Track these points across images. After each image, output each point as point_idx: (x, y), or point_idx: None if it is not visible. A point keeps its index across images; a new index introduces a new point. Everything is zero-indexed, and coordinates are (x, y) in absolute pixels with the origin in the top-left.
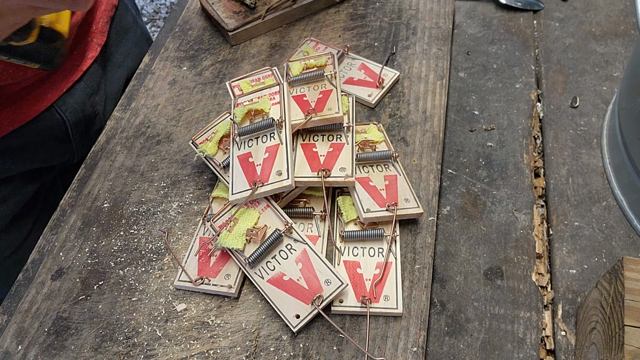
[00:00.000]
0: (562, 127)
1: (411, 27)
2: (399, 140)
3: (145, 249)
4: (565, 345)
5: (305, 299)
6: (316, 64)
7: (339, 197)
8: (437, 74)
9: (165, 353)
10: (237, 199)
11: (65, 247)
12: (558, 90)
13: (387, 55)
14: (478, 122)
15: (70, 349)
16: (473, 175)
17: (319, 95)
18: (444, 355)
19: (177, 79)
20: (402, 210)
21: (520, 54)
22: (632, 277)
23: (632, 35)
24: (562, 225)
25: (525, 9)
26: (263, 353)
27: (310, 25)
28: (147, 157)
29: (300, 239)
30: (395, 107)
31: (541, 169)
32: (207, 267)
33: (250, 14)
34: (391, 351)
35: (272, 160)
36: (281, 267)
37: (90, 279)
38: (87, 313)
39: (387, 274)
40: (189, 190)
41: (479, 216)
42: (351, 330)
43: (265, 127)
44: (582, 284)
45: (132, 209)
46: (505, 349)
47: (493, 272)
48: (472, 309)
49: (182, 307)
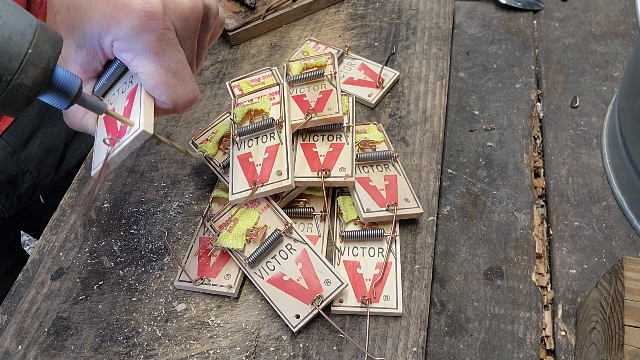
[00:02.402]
0: (562, 127)
1: (411, 27)
2: (399, 140)
3: (145, 249)
4: (565, 345)
5: (305, 299)
6: (316, 64)
7: (339, 197)
8: (437, 74)
9: (165, 353)
10: (237, 199)
11: (65, 247)
12: (558, 90)
13: (387, 55)
14: (478, 122)
15: (70, 349)
16: (473, 175)
17: (319, 95)
18: (444, 355)
19: None
20: (402, 210)
21: (520, 54)
22: (632, 277)
23: (632, 35)
24: (562, 225)
25: (525, 9)
26: (263, 353)
27: (310, 25)
28: (147, 157)
29: (300, 239)
30: (395, 107)
31: (541, 169)
32: (207, 267)
33: (250, 14)
34: (391, 351)
35: (272, 160)
36: (281, 267)
37: (90, 279)
38: (87, 313)
39: (387, 274)
40: (189, 190)
41: (479, 216)
42: (351, 330)
43: (265, 127)
44: (582, 284)
45: (132, 209)
46: (505, 349)
47: (493, 272)
48: (472, 309)
49: (182, 307)
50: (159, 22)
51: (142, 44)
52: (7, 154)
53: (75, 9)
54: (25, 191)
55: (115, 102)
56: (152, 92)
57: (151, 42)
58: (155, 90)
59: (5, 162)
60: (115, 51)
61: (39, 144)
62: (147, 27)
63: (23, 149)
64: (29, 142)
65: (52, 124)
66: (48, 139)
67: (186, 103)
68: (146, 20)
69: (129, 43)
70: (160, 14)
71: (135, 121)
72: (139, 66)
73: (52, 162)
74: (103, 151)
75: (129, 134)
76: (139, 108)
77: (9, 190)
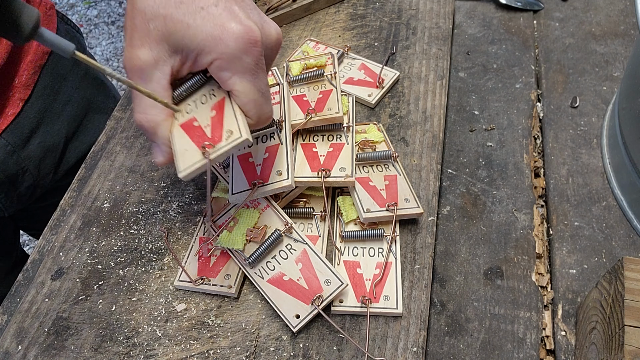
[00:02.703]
0: (562, 127)
1: (411, 27)
2: (399, 140)
3: (145, 249)
4: (565, 345)
5: (305, 299)
6: (316, 64)
7: (339, 197)
8: (437, 74)
9: (165, 353)
10: (237, 199)
11: (65, 247)
12: (558, 90)
13: (387, 55)
14: (478, 122)
15: (70, 349)
16: (473, 175)
17: (319, 95)
18: (444, 355)
19: None
20: (402, 210)
21: (520, 54)
22: (632, 277)
23: (632, 35)
24: (562, 225)
25: (525, 9)
26: (263, 353)
27: (310, 25)
28: (147, 157)
29: (300, 239)
30: (395, 107)
31: (541, 169)
32: (207, 267)
33: None
34: (391, 351)
35: (272, 160)
36: (281, 267)
37: (90, 279)
38: (87, 313)
39: (387, 274)
40: (189, 190)
41: (479, 216)
42: (351, 330)
43: (265, 127)
44: (582, 284)
45: (132, 209)
46: (505, 349)
47: (493, 272)
48: (472, 309)
49: (182, 307)
50: (258, 49)
51: (243, 65)
52: (7, 153)
53: (175, 22)
54: (25, 190)
55: (194, 111)
56: (243, 107)
57: (250, 65)
58: (246, 106)
59: (5, 161)
60: (214, 68)
61: (39, 143)
62: (249, 52)
63: (23, 148)
64: (28, 141)
65: (52, 123)
66: (48, 138)
67: (266, 120)
68: (250, 46)
69: (231, 63)
70: (260, 42)
71: (235, 130)
72: (236, 84)
73: (51, 161)
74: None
75: (230, 140)
76: (234, 118)
77: (9, 189)
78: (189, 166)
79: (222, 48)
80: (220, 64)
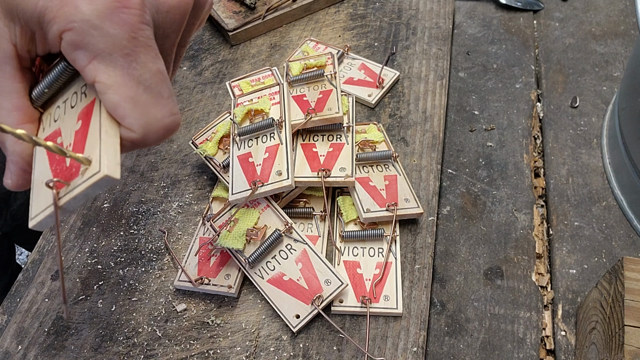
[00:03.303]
0: (562, 127)
1: (411, 27)
2: (399, 140)
3: (145, 249)
4: (565, 345)
5: (305, 299)
6: (316, 64)
7: (339, 197)
8: (437, 74)
9: (165, 353)
10: (237, 199)
11: (65, 247)
12: (558, 90)
13: (387, 55)
14: (478, 122)
15: (70, 349)
16: (473, 175)
17: (319, 95)
18: (444, 355)
19: (177, 79)
20: (402, 210)
21: (520, 54)
22: (632, 277)
23: (632, 35)
24: (562, 225)
25: (525, 9)
26: (263, 353)
27: (310, 25)
28: (147, 157)
29: (300, 239)
30: (395, 107)
31: (541, 169)
32: (207, 267)
33: (250, 14)
34: (391, 351)
35: (272, 160)
36: (281, 267)
37: (90, 279)
38: (87, 313)
39: (387, 274)
40: (189, 190)
41: (479, 216)
42: (351, 330)
43: (265, 127)
44: (582, 284)
45: (132, 209)
46: (505, 349)
47: (493, 272)
48: (472, 309)
49: (182, 307)
50: (134, 12)
51: (106, 40)
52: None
53: None
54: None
55: (62, 119)
56: (114, 111)
57: (119, 40)
58: (118, 110)
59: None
60: (65, 47)
61: None
62: (116, 18)
63: None
64: None
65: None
66: None
67: (160, 131)
68: (116, 7)
69: (87, 37)
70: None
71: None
72: (98, 73)
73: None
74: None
75: (85, 177)
76: (97, 137)
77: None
78: (40, 212)
79: (70, 12)
80: (71, 39)
